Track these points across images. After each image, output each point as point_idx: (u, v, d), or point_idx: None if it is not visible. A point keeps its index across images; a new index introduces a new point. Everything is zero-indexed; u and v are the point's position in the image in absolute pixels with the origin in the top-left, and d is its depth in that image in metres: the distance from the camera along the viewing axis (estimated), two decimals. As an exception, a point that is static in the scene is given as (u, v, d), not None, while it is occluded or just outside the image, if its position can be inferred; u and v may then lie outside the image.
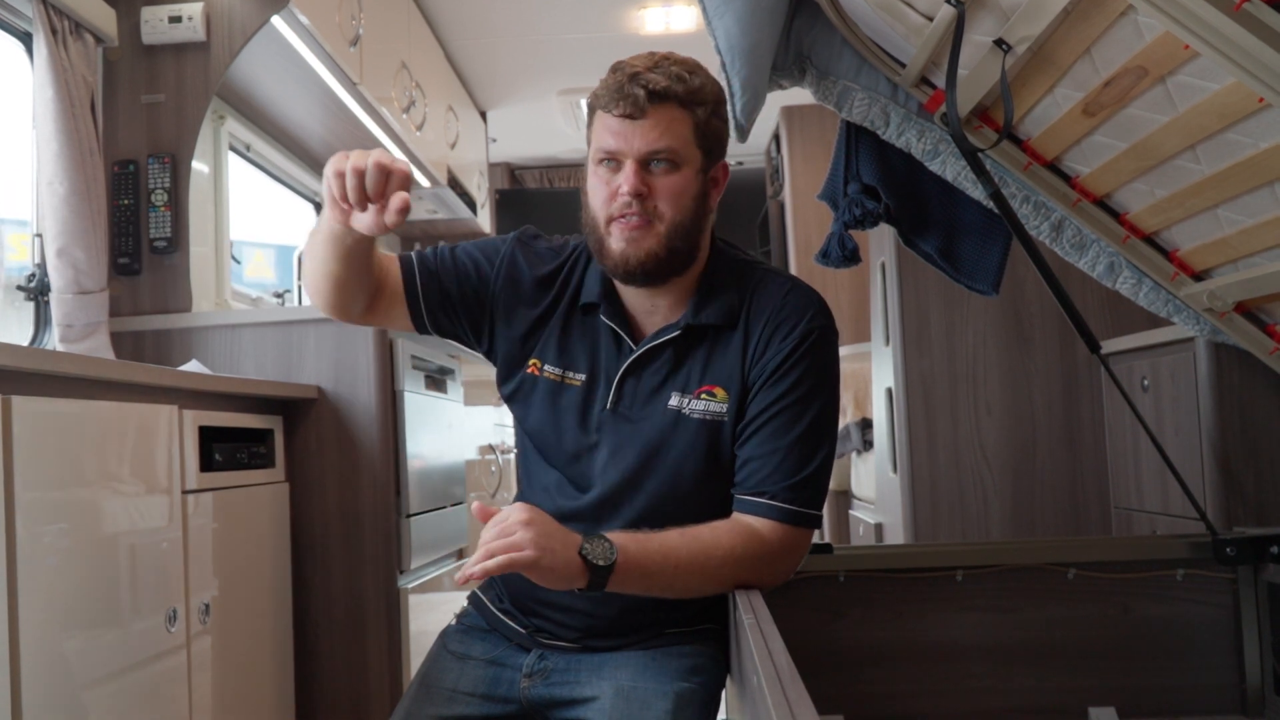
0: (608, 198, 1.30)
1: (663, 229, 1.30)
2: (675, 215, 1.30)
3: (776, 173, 5.67)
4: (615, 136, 1.29)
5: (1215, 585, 1.73)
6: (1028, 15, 1.41)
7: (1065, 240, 1.83)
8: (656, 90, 1.27)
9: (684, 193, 1.31)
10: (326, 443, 2.30)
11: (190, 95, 2.49)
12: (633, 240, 1.29)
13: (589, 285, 1.39)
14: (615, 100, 1.28)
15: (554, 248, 1.45)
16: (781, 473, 1.29)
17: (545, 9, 4.02)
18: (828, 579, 1.74)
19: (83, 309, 2.24)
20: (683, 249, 1.32)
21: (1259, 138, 1.31)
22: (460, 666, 1.40)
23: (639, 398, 1.34)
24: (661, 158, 1.29)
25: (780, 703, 0.81)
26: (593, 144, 1.32)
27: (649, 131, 1.28)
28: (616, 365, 1.36)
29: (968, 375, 2.67)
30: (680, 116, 1.29)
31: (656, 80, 1.27)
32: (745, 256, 1.42)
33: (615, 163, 1.30)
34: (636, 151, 1.28)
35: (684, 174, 1.31)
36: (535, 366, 1.39)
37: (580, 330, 1.39)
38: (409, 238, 4.93)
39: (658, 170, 1.29)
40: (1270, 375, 1.99)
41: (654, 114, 1.27)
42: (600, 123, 1.31)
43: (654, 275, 1.32)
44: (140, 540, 1.65)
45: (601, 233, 1.32)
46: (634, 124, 1.28)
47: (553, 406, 1.38)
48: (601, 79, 1.32)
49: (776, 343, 1.32)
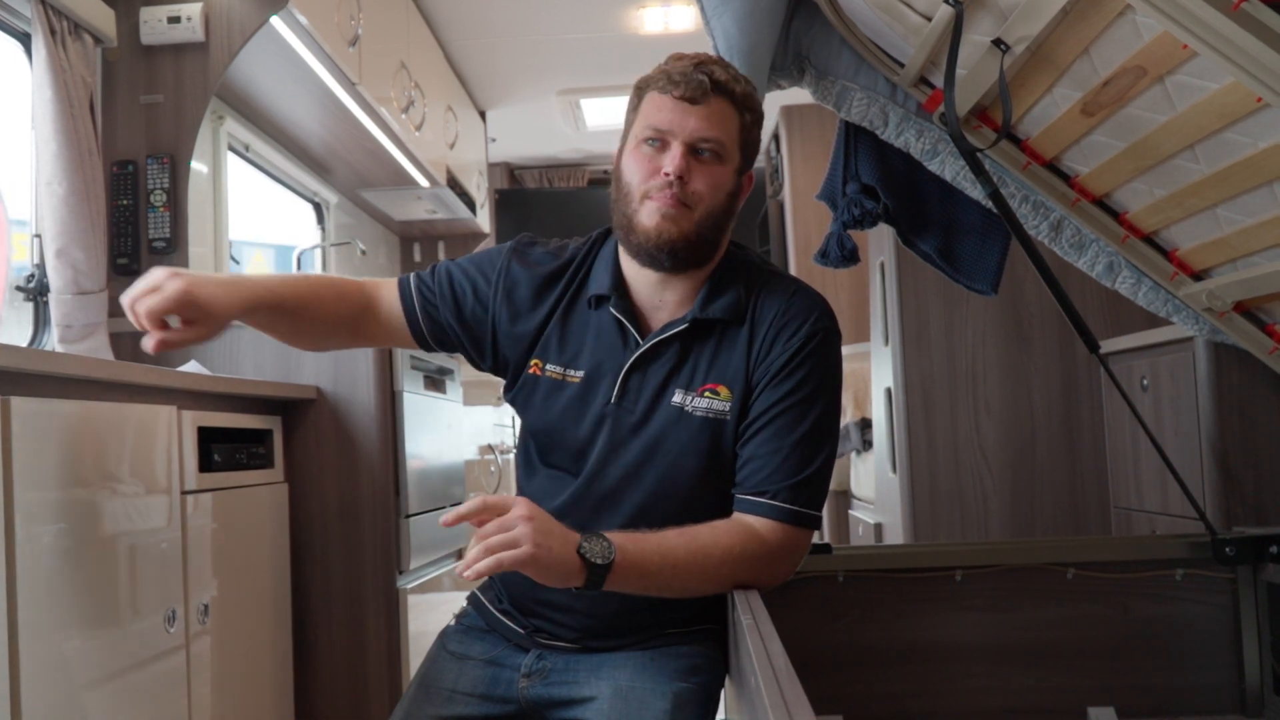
0: (648, 174, 1.31)
1: (698, 214, 1.31)
2: (711, 204, 1.32)
3: (776, 172, 5.67)
4: (668, 117, 1.30)
5: (1214, 585, 1.73)
6: (1026, 15, 1.41)
7: (1064, 240, 1.83)
8: (720, 81, 1.30)
9: (722, 186, 1.33)
10: (325, 443, 2.30)
11: (189, 95, 2.49)
12: (669, 216, 1.30)
13: (598, 277, 1.39)
14: (677, 82, 1.30)
15: (552, 250, 1.45)
16: (783, 473, 1.29)
17: (544, 9, 4.02)
18: (827, 579, 1.74)
19: (82, 309, 2.24)
20: (710, 240, 1.33)
21: (1258, 137, 1.31)
22: (459, 667, 1.40)
23: (644, 393, 1.34)
24: (709, 147, 1.31)
25: (778, 703, 0.81)
26: (639, 121, 1.33)
27: (705, 118, 1.30)
28: (622, 359, 1.36)
29: (967, 375, 2.67)
30: (732, 114, 1.32)
31: (719, 73, 1.31)
32: (753, 257, 1.43)
33: (661, 143, 1.31)
34: (689, 134, 1.30)
35: (725, 168, 1.33)
36: (536, 366, 1.40)
37: (584, 325, 1.39)
38: (408, 237, 4.93)
39: (703, 158, 1.31)
40: (1270, 375, 1.99)
41: (712, 103, 1.30)
42: (652, 102, 1.32)
43: (679, 257, 1.32)
44: (139, 541, 1.65)
45: (635, 206, 1.32)
46: (692, 108, 1.29)
47: (553, 405, 1.38)
48: (658, 66, 1.34)
49: (781, 343, 1.32)
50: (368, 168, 3.79)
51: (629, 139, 1.36)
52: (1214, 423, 2.05)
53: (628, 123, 1.37)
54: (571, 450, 1.37)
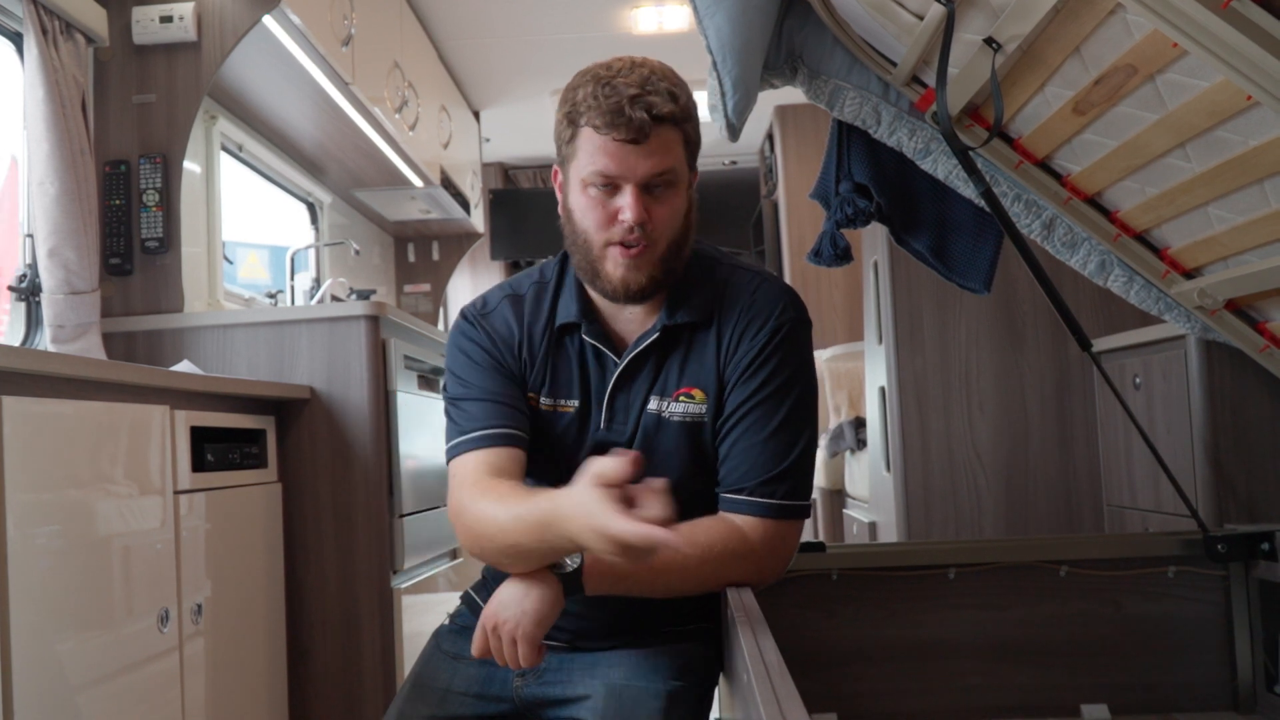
0: (604, 221, 1.28)
1: (659, 251, 1.30)
2: (671, 235, 1.31)
3: (770, 172, 5.68)
4: (615, 161, 1.24)
5: (1207, 582, 1.73)
6: (1017, 14, 1.41)
7: (1056, 238, 1.84)
8: (661, 115, 1.24)
9: (679, 211, 1.31)
10: (319, 443, 2.30)
11: (182, 95, 2.49)
12: (633, 268, 1.28)
13: (565, 307, 1.38)
14: (615, 124, 1.23)
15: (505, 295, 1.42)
16: (760, 468, 1.29)
17: (538, 9, 4.02)
18: (820, 577, 1.74)
19: (74, 309, 2.23)
20: (675, 266, 1.33)
21: (1248, 135, 1.32)
22: (453, 666, 1.40)
23: (630, 410, 1.35)
24: (662, 180, 1.27)
25: (770, 701, 0.81)
26: (583, 164, 1.27)
27: (651, 156, 1.25)
28: (605, 383, 1.36)
29: (960, 374, 2.67)
30: (676, 137, 1.28)
31: (658, 104, 1.24)
32: (713, 252, 1.42)
33: (611, 186, 1.27)
34: (640, 177, 1.25)
35: (679, 192, 1.31)
36: (533, 400, 1.39)
37: (563, 356, 1.38)
38: (402, 237, 4.92)
39: (657, 193, 1.28)
40: (1261, 373, 1.99)
41: (655, 138, 1.24)
42: (593, 143, 1.25)
43: (649, 294, 1.32)
44: (132, 541, 1.65)
45: (597, 254, 1.30)
46: (637, 148, 1.24)
47: (549, 436, 1.38)
48: (580, 87, 1.27)
49: (749, 339, 1.32)
50: (361, 168, 3.78)
51: (570, 173, 1.30)
52: (1206, 420, 2.06)
53: (564, 151, 1.30)
54: (568, 475, 1.37)
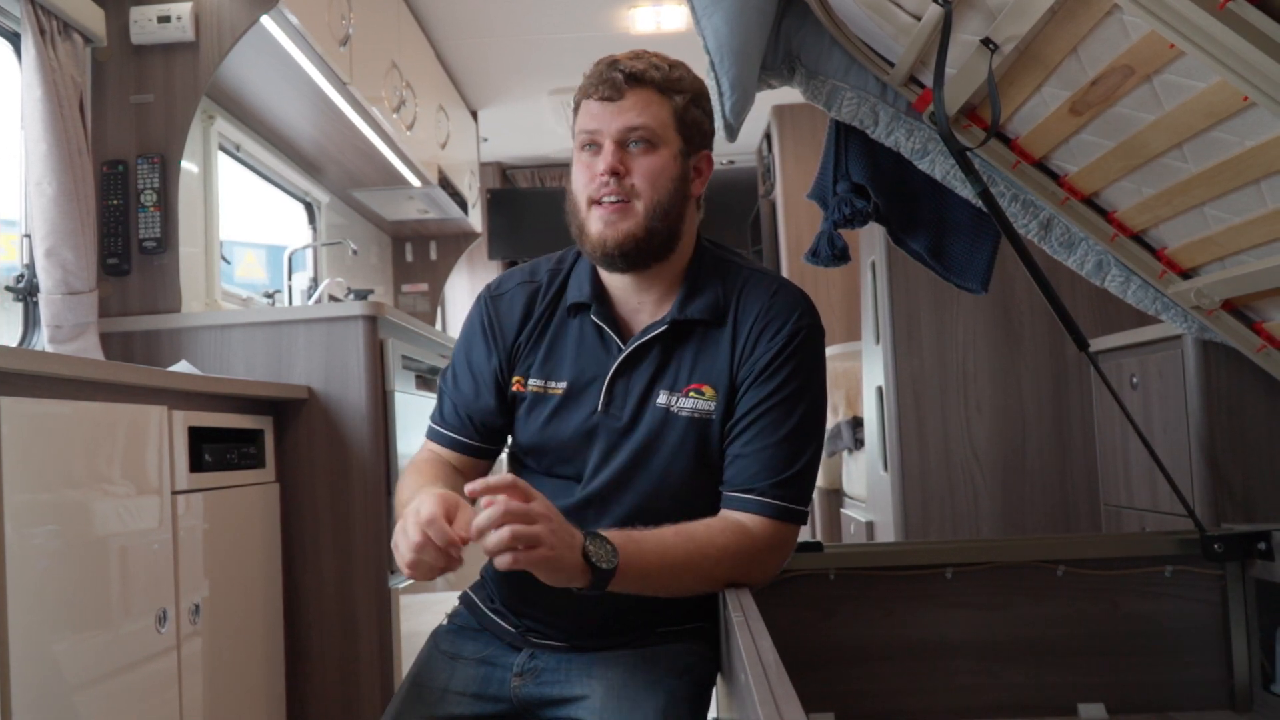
0: (588, 179, 1.35)
1: (641, 208, 1.32)
2: (653, 194, 1.33)
3: (768, 172, 5.68)
4: (594, 119, 1.34)
5: (1203, 582, 1.74)
6: (1014, 14, 1.41)
7: (1054, 238, 1.84)
8: (633, 73, 1.33)
9: (662, 173, 1.34)
10: (317, 443, 2.30)
11: (179, 95, 2.49)
12: (610, 222, 1.32)
13: (577, 286, 1.40)
14: (595, 86, 1.34)
15: (522, 281, 1.46)
16: (770, 469, 1.30)
17: (536, 8, 4.02)
18: (818, 576, 1.74)
19: (71, 310, 2.23)
20: (662, 230, 1.34)
21: (1245, 136, 1.32)
22: (451, 666, 1.40)
23: (630, 397, 1.35)
24: (638, 137, 1.33)
25: (768, 700, 0.81)
26: (575, 133, 1.38)
27: (626, 111, 1.32)
28: (606, 366, 1.36)
29: (958, 373, 2.68)
30: (657, 100, 1.34)
31: (634, 65, 1.33)
32: (731, 255, 1.43)
33: (596, 146, 1.35)
34: (614, 131, 1.33)
35: (662, 155, 1.34)
36: (519, 383, 1.40)
37: (566, 336, 1.40)
38: (400, 237, 4.92)
39: (635, 150, 1.33)
40: (1258, 372, 2.00)
41: (631, 95, 1.33)
42: (583, 110, 1.36)
43: (633, 257, 1.33)
44: (130, 541, 1.65)
45: (583, 216, 1.35)
46: (612, 105, 1.33)
47: (539, 418, 1.38)
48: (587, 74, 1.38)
49: (765, 341, 1.33)
50: (359, 167, 3.78)
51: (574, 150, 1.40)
52: (1203, 420, 2.06)
53: (573, 136, 1.40)
54: (562, 459, 1.38)
